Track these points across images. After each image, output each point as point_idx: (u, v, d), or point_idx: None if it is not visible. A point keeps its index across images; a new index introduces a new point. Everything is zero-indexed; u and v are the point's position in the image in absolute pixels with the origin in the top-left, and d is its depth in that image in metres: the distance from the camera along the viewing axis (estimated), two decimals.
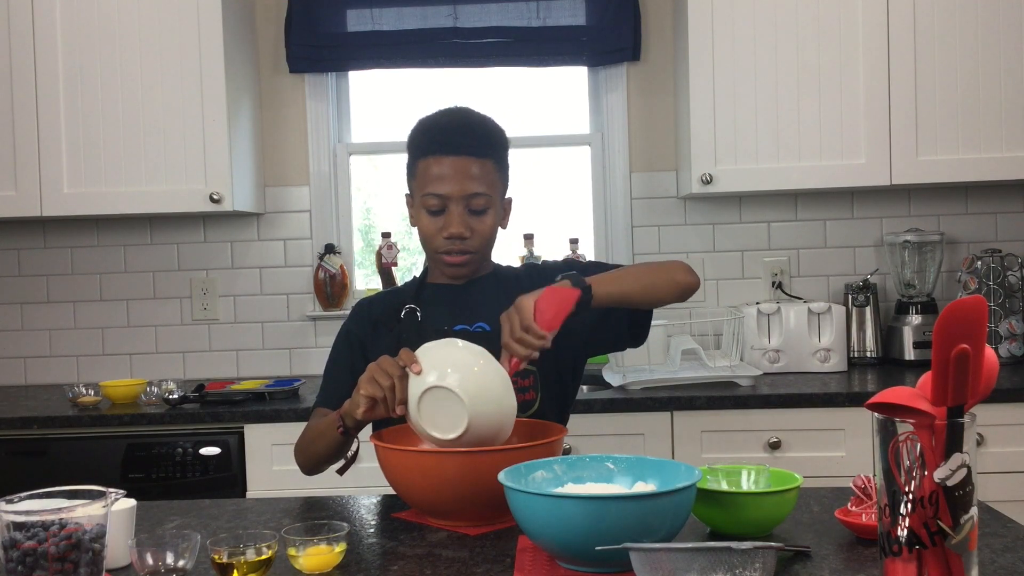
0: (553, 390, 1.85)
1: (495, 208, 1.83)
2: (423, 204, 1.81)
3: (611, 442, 2.65)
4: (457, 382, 1.50)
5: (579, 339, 1.85)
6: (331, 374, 1.93)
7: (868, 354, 3.14)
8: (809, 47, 2.96)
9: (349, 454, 1.76)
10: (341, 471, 1.78)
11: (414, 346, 1.72)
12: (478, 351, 1.54)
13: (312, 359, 3.34)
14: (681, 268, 1.80)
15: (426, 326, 1.84)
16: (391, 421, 1.67)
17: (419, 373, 1.53)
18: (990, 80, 2.92)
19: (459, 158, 1.78)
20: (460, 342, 1.56)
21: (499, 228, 1.87)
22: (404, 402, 1.54)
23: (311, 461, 1.82)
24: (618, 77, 3.33)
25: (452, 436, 1.51)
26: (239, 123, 3.13)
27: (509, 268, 1.99)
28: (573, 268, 1.84)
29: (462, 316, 1.85)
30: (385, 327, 1.88)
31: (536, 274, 1.92)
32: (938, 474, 1.04)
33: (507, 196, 1.90)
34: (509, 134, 1.93)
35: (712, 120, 2.98)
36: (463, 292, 1.88)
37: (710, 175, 2.97)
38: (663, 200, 3.33)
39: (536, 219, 3.42)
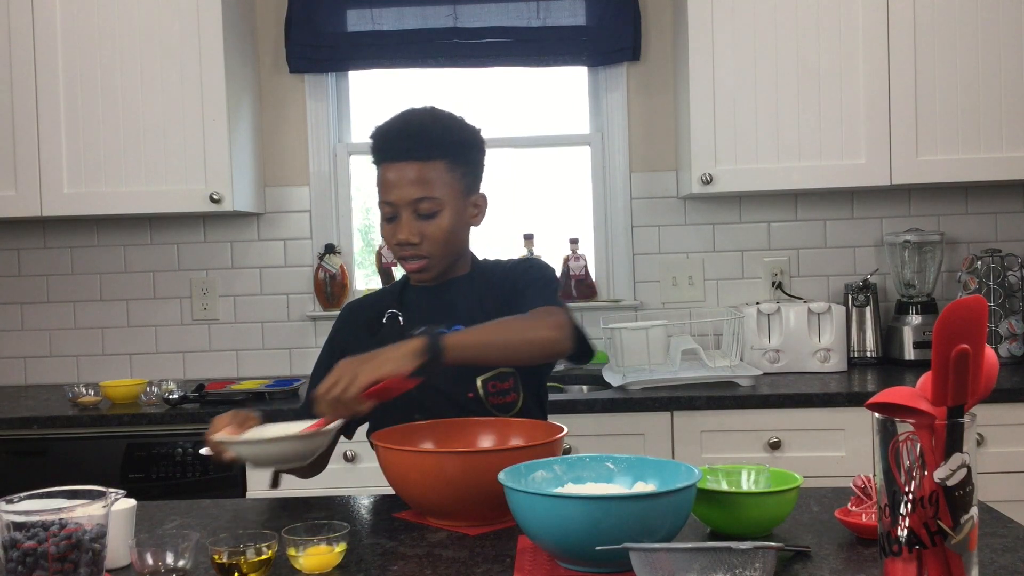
0: (533, 388, 1.85)
1: (450, 209, 1.79)
2: (380, 211, 1.82)
3: (611, 442, 2.65)
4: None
5: None
6: (312, 382, 1.96)
7: (868, 354, 3.14)
8: (809, 47, 2.96)
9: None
10: (273, 484, 1.81)
11: None
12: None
13: (312, 359, 3.28)
14: (546, 325, 1.68)
15: (408, 330, 1.84)
16: (390, 422, 1.68)
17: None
18: (990, 80, 2.92)
19: (404, 163, 1.76)
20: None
21: (470, 226, 1.85)
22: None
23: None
24: (618, 77, 3.33)
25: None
26: (239, 123, 3.13)
27: (487, 263, 1.95)
28: (530, 266, 1.85)
29: (440, 319, 1.84)
30: (368, 331, 1.89)
31: (501, 271, 1.90)
32: (938, 474, 1.04)
33: (479, 193, 1.86)
34: (509, 134, 1.92)
35: (712, 120, 2.98)
36: (441, 294, 1.87)
37: (710, 175, 2.97)
38: (663, 200, 3.33)
39: (536, 219, 3.43)
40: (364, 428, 1.90)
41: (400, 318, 1.87)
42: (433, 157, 1.77)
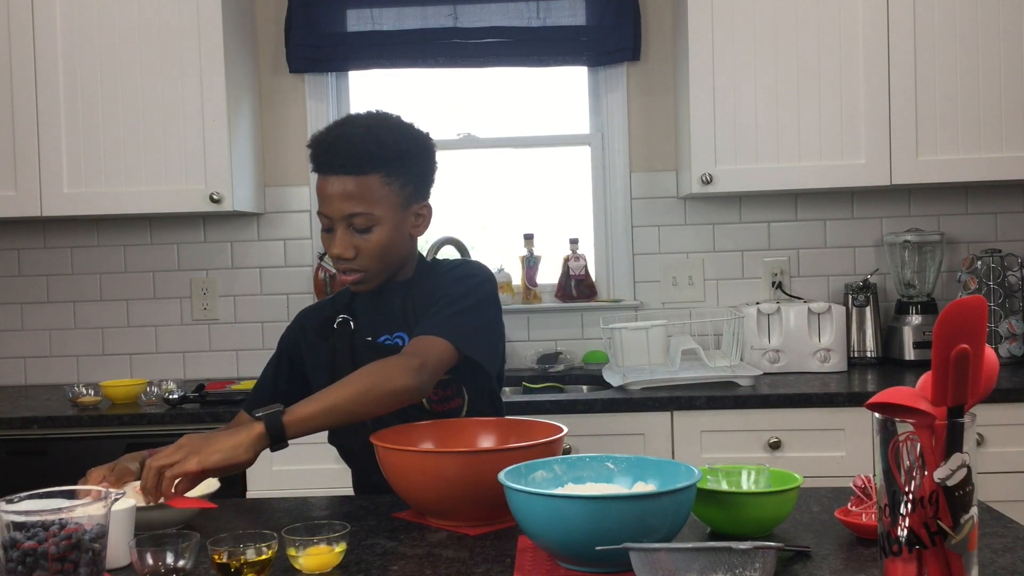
0: (482, 388, 1.84)
1: (386, 223, 1.76)
2: (320, 222, 1.81)
3: (611, 442, 2.65)
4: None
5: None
6: (258, 381, 2.00)
7: (868, 354, 3.14)
8: (809, 47, 2.96)
9: None
10: None
11: (348, 356, 1.78)
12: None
13: None
14: (402, 371, 1.60)
15: (358, 336, 1.85)
16: (388, 423, 1.69)
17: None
18: (990, 80, 2.92)
19: (337, 177, 1.74)
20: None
21: (412, 236, 1.83)
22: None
23: None
24: (618, 77, 3.33)
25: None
26: (239, 123, 3.13)
27: (432, 265, 1.91)
28: (453, 278, 1.81)
29: (384, 326, 1.85)
30: (320, 337, 1.89)
31: (434, 276, 1.87)
32: (938, 474, 1.04)
33: (423, 202, 1.83)
34: (509, 134, 1.90)
35: (712, 120, 2.98)
36: (384, 300, 1.87)
37: (710, 175, 2.97)
38: (663, 200, 3.33)
39: (536, 219, 3.43)
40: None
41: (351, 323, 1.87)
42: (366, 171, 1.74)
